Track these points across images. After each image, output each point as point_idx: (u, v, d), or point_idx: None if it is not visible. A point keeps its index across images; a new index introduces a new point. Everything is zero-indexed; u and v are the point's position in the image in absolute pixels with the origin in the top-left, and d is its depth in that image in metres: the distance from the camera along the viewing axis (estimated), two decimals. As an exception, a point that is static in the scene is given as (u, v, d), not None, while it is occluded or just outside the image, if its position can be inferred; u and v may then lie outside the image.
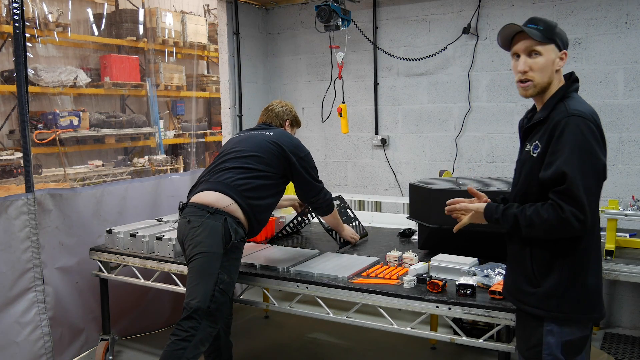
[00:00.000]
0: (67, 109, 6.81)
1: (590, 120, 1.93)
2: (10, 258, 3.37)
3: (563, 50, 2.04)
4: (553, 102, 2.02)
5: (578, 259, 1.99)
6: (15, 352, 3.38)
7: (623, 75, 4.08)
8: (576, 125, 1.90)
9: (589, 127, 1.91)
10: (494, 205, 2.12)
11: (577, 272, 1.99)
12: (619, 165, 4.13)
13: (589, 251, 2.01)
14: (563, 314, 1.98)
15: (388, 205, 4.82)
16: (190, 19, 8.63)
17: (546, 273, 2.00)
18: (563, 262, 1.98)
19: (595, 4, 4.13)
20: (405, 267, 2.95)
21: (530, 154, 2.03)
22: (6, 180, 6.02)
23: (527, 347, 2.07)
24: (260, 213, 3.02)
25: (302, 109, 5.46)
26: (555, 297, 1.98)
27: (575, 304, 1.98)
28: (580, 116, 1.92)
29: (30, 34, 6.17)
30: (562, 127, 1.92)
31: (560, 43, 2.03)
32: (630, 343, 3.90)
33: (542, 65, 2.00)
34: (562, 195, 1.88)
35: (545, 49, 2.00)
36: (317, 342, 4.10)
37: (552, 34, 2.01)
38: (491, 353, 2.67)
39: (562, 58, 2.04)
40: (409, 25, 4.88)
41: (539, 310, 2.01)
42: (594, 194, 1.91)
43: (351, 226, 3.73)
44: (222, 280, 2.78)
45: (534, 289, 2.03)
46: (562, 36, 2.04)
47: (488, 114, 4.60)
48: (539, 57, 2.00)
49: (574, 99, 2.02)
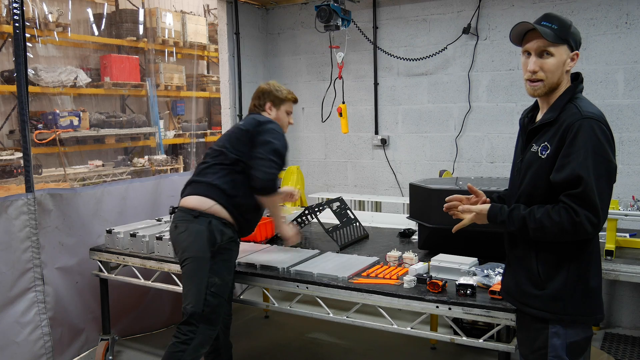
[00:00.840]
0: (67, 109, 6.81)
1: (602, 122, 1.91)
2: (10, 258, 3.37)
3: (575, 50, 2.00)
4: (562, 103, 1.99)
5: (584, 261, 1.99)
6: (15, 352, 3.38)
7: (623, 75, 4.08)
8: (590, 128, 1.88)
9: (602, 130, 1.90)
10: (498, 207, 2.08)
11: (582, 274, 1.98)
12: (619, 165, 4.09)
13: (592, 253, 2.01)
14: (569, 316, 1.97)
15: (388, 205, 4.82)
16: (190, 19, 8.63)
17: (552, 275, 1.99)
18: (570, 264, 1.97)
19: (595, 4, 4.13)
20: (405, 267, 2.95)
21: (538, 155, 2.00)
22: (6, 180, 6.02)
23: (532, 350, 2.06)
24: (248, 212, 2.96)
25: (302, 109, 5.47)
26: (562, 299, 1.97)
27: (580, 305, 1.98)
28: (594, 118, 1.90)
29: (30, 34, 6.16)
30: (576, 129, 1.89)
31: (574, 43, 1.99)
32: (630, 343, 3.90)
33: (553, 66, 1.97)
34: (577, 199, 1.86)
35: (558, 50, 1.96)
36: (317, 342, 4.10)
37: (566, 34, 1.97)
38: (491, 353, 2.66)
39: (574, 59, 2.00)
40: (409, 25, 4.88)
41: (545, 313, 2.00)
42: (606, 197, 1.90)
43: (352, 226, 3.73)
44: (212, 284, 2.78)
45: (540, 291, 2.01)
46: (575, 36, 2.00)
47: (488, 114, 4.60)
48: (551, 58, 1.97)
49: (583, 101, 2.00)
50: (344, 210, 3.79)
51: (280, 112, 3.13)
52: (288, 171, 4.83)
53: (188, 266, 2.81)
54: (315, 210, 3.69)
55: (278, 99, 3.11)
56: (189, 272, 2.81)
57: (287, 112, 3.16)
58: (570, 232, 1.88)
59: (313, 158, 5.51)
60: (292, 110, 3.20)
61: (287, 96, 3.13)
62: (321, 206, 3.74)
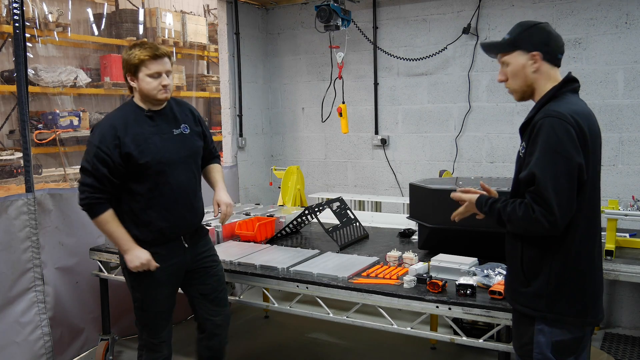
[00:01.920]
0: (67, 109, 6.80)
1: (567, 120, 1.91)
2: (10, 258, 3.37)
3: (532, 52, 2.04)
4: (540, 103, 2.05)
5: (569, 259, 1.98)
6: (15, 352, 3.38)
7: (623, 75, 4.08)
8: (550, 126, 1.91)
9: (563, 128, 1.90)
10: (484, 198, 2.15)
11: (568, 274, 1.98)
12: (619, 165, 4.13)
13: (580, 252, 2.00)
14: (552, 314, 1.99)
15: (388, 205, 4.82)
16: (190, 19, 8.62)
17: (536, 273, 2.02)
18: (551, 262, 1.99)
19: (595, 4, 4.13)
20: (405, 267, 2.95)
21: (520, 154, 2.08)
22: (6, 180, 6.01)
23: (520, 344, 2.10)
24: (134, 226, 2.69)
25: (302, 109, 5.47)
26: (544, 297, 2.00)
27: (565, 305, 1.98)
28: (556, 117, 1.92)
29: (30, 34, 6.15)
30: (538, 128, 1.94)
31: (528, 45, 2.04)
32: (630, 343, 3.90)
33: (511, 73, 2.08)
34: (533, 195, 1.92)
35: (511, 57, 2.08)
36: (317, 342, 4.10)
37: (515, 40, 2.06)
38: (491, 353, 2.66)
39: (535, 59, 2.04)
40: (409, 25, 4.88)
41: (530, 310, 2.03)
42: (567, 194, 1.89)
43: (352, 226, 3.73)
44: (136, 299, 2.78)
45: (525, 288, 2.05)
46: (532, 37, 2.04)
47: (488, 114, 4.60)
48: (508, 66, 2.09)
49: (561, 100, 2.01)
50: (344, 210, 3.79)
51: (141, 81, 2.58)
52: (288, 171, 4.83)
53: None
54: (315, 210, 3.69)
55: (131, 65, 2.57)
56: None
57: (149, 75, 2.56)
58: (530, 227, 1.94)
59: (313, 158, 5.51)
60: (160, 69, 2.57)
61: (140, 57, 2.54)
62: (321, 206, 3.74)
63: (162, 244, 2.71)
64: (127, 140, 2.57)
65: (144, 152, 2.59)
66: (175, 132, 2.72)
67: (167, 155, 2.66)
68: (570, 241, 1.97)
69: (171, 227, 2.71)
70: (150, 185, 2.63)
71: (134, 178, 2.62)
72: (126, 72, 2.62)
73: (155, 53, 2.56)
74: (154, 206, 2.65)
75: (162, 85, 2.59)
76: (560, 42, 2.08)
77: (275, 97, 5.66)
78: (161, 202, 2.66)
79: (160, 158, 2.63)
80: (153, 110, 2.68)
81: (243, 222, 3.77)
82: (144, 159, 2.59)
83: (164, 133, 2.68)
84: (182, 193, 2.73)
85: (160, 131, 2.68)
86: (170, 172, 2.67)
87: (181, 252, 2.78)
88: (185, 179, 2.74)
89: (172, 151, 2.68)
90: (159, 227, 2.68)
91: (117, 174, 2.58)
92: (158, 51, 2.57)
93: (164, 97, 2.63)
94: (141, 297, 2.75)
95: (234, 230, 3.76)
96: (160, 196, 2.66)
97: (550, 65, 2.05)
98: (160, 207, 2.66)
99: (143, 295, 2.74)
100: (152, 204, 2.65)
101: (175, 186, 2.69)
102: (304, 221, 3.91)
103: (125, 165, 2.58)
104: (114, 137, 2.56)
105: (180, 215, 2.74)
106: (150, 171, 2.61)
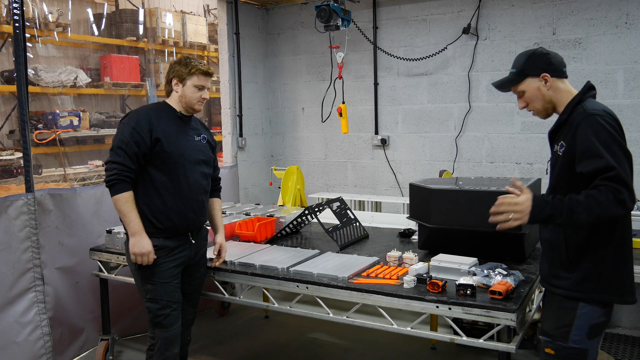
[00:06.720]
0: (67, 109, 6.81)
1: (606, 117, 2.09)
2: (10, 258, 3.37)
3: (541, 74, 2.22)
4: (571, 106, 2.20)
5: (617, 244, 2.14)
6: (15, 352, 3.38)
7: (623, 75, 4.08)
8: (597, 122, 2.07)
9: (607, 122, 2.07)
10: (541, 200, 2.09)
11: (615, 257, 2.14)
12: (619, 165, 4.13)
13: (624, 237, 2.16)
14: (598, 295, 2.12)
15: (388, 205, 4.82)
16: (190, 19, 8.62)
17: (581, 258, 2.14)
18: (598, 247, 2.12)
19: (595, 4, 4.13)
20: (405, 267, 2.95)
21: (558, 153, 2.19)
22: (6, 180, 6.01)
23: (557, 326, 2.18)
24: (156, 212, 2.85)
25: (302, 109, 5.47)
26: (592, 280, 2.13)
27: (610, 287, 2.13)
28: (599, 115, 2.09)
29: (30, 34, 6.16)
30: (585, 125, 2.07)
31: (535, 70, 2.22)
32: (630, 343, 3.90)
33: (530, 98, 2.27)
34: (614, 180, 1.99)
35: (524, 85, 2.26)
36: (317, 342, 4.10)
37: (521, 71, 2.25)
38: (491, 353, 2.67)
39: (546, 79, 2.22)
40: (409, 25, 4.88)
41: (576, 293, 2.15)
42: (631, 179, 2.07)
43: (352, 226, 3.73)
44: (147, 290, 2.87)
45: (571, 274, 2.16)
46: (536, 63, 2.23)
47: (488, 114, 4.61)
48: (525, 94, 2.27)
49: (590, 102, 2.19)
50: (344, 210, 3.79)
51: (186, 88, 2.89)
52: (288, 171, 4.82)
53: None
54: (315, 210, 3.69)
55: (183, 73, 2.88)
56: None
57: (195, 86, 2.88)
58: (614, 210, 1.99)
59: (313, 158, 5.52)
60: (205, 84, 2.92)
61: (192, 70, 2.87)
62: (321, 206, 3.74)
63: (172, 237, 2.88)
64: (159, 128, 2.82)
65: (171, 142, 2.84)
66: (196, 138, 2.99)
67: (188, 153, 2.90)
68: (621, 226, 2.14)
69: (182, 220, 2.89)
70: (170, 176, 2.84)
71: (156, 165, 2.82)
72: (174, 76, 2.90)
73: (207, 70, 2.92)
74: (170, 195, 2.84)
75: (202, 98, 2.92)
76: (559, 57, 2.27)
77: (275, 97, 5.66)
78: (177, 194, 2.86)
79: (182, 152, 2.87)
80: (183, 115, 2.96)
81: (243, 222, 3.77)
82: (170, 147, 2.83)
83: (188, 135, 2.94)
84: (196, 190, 2.93)
85: (185, 132, 2.94)
86: (189, 168, 2.89)
87: (188, 246, 2.96)
88: (201, 178, 2.97)
89: (192, 152, 2.92)
90: (171, 217, 2.85)
91: (144, 156, 2.79)
92: (210, 70, 2.94)
93: (199, 109, 2.96)
94: (153, 287, 2.85)
95: (234, 230, 3.76)
96: (177, 188, 2.86)
97: (559, 79, 2.24)
98: (175, 198, 2.85)
99: (155, 285, 2.85)
100: (169, 193, 2.84)
101: (192, 182, 2.90)
102: (304, 221, 3.91)
103: (151, 149, 2.79)
104: (149, 122, 2.81)
105: (192, 210, 2.92)
106: (171, 161, 2.83)
